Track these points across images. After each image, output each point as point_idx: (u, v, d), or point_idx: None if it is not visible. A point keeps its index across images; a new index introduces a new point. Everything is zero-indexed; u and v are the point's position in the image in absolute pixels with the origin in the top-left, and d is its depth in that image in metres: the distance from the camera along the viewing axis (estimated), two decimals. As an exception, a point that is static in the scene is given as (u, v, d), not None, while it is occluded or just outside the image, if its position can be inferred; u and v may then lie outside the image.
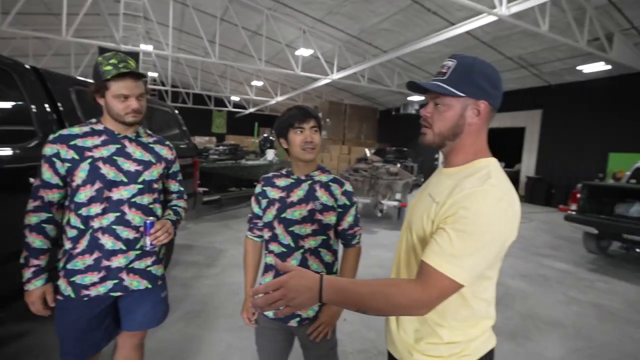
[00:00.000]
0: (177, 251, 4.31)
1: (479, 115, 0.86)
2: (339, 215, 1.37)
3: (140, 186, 1.39)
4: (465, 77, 0.84)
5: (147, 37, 13.23)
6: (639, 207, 4.68)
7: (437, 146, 0.92)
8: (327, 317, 1.35)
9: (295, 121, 1.30)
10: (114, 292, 1.38)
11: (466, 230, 0.76)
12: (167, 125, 3.86)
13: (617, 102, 9.13)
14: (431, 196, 0.90)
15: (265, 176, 1.45)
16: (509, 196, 0.80)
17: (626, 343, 2.75)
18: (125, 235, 1.36)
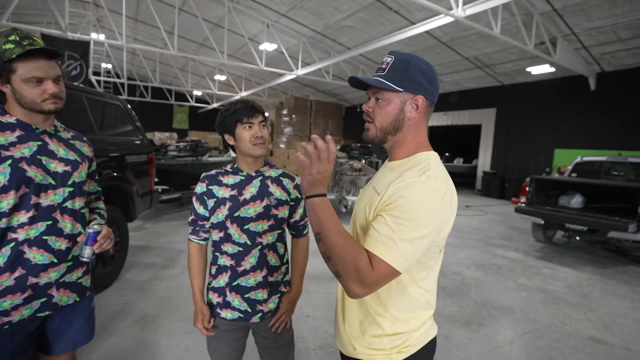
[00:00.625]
0: (133, 253, 4.08)
1: (417, 110, 0.89)
2: (291, 208, 1.39)
3: (70, 189, 1.23)
4: (402, 72, 0.87)
5: (98, 25, 12.36)
6: (579, 199, 5.09)
7: (380, 141, 0.93)
8: (288, 305, 1.38)
9: (244, 116, 1.26)
10: (41, 313, 1.19)
11: (403, 217, 0.78)
12: (118, 120, 3.63)
13: (561, 102, 9.86)
14: (374, 188, 0.92)
15: (208, 174, 1.36)
16: (446, 186, 0.83)
17: (567, 323, 2.98)
18: (57, 246, 1.19)
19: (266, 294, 1.33)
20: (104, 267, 3.13)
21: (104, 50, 12.87)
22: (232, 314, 1.33)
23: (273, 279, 1.36)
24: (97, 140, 3.10)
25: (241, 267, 1.30)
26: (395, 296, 0.89)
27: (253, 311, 1.32)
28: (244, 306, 1.32)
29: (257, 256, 1.31)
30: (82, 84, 4.99)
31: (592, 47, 8.09)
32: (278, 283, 1.38)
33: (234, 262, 1.30)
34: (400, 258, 0.77)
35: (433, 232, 0.81)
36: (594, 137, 9.18)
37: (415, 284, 0.90)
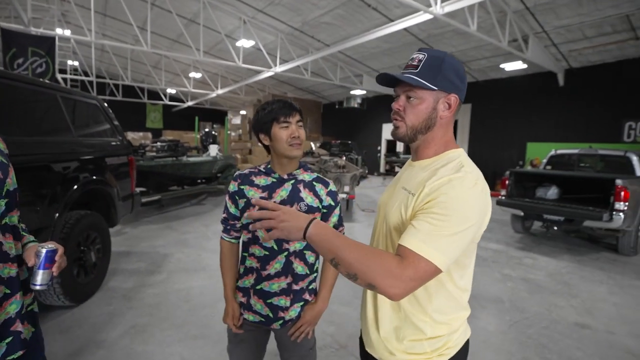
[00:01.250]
0: (114, 259, 3.89)
1: (449, 109, 0.88)
2: (323, 216, 1.32)
3: (5, 200, 0.97)
4: (437, 70, 0.84)
5: (63, 20, 11.68)
6: (555, 190, 5.32)
7: (410, 140, 0.91)
8: (310, 316, 1.33)
9: (281, 115, 1.21)
10: (12, 355, 0.96)
11: (443, 214, 0.76)
12: (94, 120, 3.43)
13: (532, 97, 10.29)
14: (406, 189, 0.90)
15: (242, 173, 1.32)
16: (482, 182, 0.83)
17: (553, 311, 3.11)
18: (6, 273, 0.94)
19: (289, 301, 1.30)
20: (86, 276, 2.96)
21: (70, 46, 12.19)
22: (254, 317, 1.32)
23: (297, 288, 1.31)
24: (74, 142, 2.93)
25: (266, 271, 1.27)
26: (434, 297, 0.87)
27: (275, 317, 1.30)
28: (265, 311, 1.30)
29: (283, 262, 1.27)
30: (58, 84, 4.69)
31: (561, 45, 8.47)
32: (302, 291, 1.33)
33: (260, 265, 1.28)
34: (440, 254, 0.75)
35: (473, 228, 0.79)
36: (564, 131, 9.63)
37: (454, 284, 0.89)
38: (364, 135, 16.63)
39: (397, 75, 0.85)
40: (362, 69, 12.80)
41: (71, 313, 2.74)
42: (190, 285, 3.36)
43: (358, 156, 13.53)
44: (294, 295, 1.31)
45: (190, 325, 2.64)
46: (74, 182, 2.77)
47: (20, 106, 2.49)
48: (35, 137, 2.51)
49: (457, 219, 0.76)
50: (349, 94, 15.20)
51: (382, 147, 15.88)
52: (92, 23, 8.25)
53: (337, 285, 3.59)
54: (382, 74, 0.88)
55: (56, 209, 2.54)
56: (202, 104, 21.22)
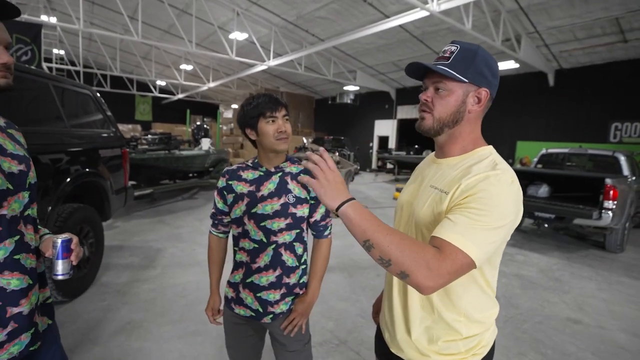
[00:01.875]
0: (106, 254, 3.80)
1: (479, 103, 0.86)
2: (311, 207, 1.32)
3: (28, 192, 0.98)
4: (469, 63, 0.82)
5: (49, 7, 11.30)
6: (546, 189, 5.42)
7: (435, 133, 0.89)
8: (301, 309, 1.31)
9: (267, 110, 1.21)
10: (33, 346, 0.97)
11: (482, 209, 0.75)
12: (87, 110, 3.33)
13: (523, 96, 10.43)
14: (436, 188, 0.87)
15: (229, 169, 1.34)
16: (517, 181, 0.82)
17: (545, 307, 3.17)
18: (29, 264, 0.96)
19: (278, 295, 1.28)
20: (78, 271, 2.89)
21: (56, 35, 11.83)
22: (245, 312, 1.31)
23: (289, 280, 1.30)
24: (67, 133, 2.84)
25: (255, 264, 1.27)
26: (466, 294, 0.86)
27: (264, 311, 1.29)
28: (255, 305, 1.29)
29: (272, 255, 1.26)
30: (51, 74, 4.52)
31: (553, 45, 8.59)
32: (294, 285, 1.32)
33: (249, 258, 1.28)
34: (477, 248, 0.73)
35: (509, 224, 0.78)
36: (553, 130, 9.82)
37: (485, 280, 0.88)
38: (357, 132, 16.65)
39: (428, 64, 0.83)
40: (356, 65, 12.77)
41: (64, 308, 2.67)
42: (186, 280, 3.32)
43: (350, 152, 13.54)
44: (285, 289, 1.30)
45: (188, 320, 2.61)
46: (66, 174, 2.69)
47: (11, 94, 2.40)
48: (27, 127, 2.41)
49: (496, 214, 0.75)
50: (342, 89, 15.16)
51: (374, 144, 15.93)
52: (81, 11, 8.02)
53: (334, 281, 3.61)
54: (412, 63, 0.85)
55: (49, 202, 2.46)
56: (193, 96, 20.90)
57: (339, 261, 4.08)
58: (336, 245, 4.71)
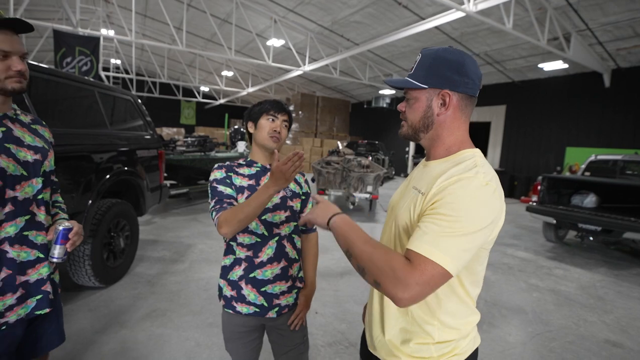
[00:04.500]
0: (142, 247, 4.11)
1: (445, 106, 0.85)
2: (302, 202, 1.40)
3: (42, 179, 1.15)
4: (427, 69, 0.85)
5: (108, 21, 12.42)
6: (592, 198, 4.99)
7: (413, 138, 0.93)
8: (304, 301, 1.38)
9: (272, 109, 1.31)
10: (40, 310, 1.13)
11: (451, 215, 0.72)
12: (129, 114, 3.63)
13: (574, 99, 9.68)
14: (416, 188, 0.88)
15: (223, 164, 1.32)
16: (495, 183, 0.78)
17: (581, 325, 2.93)
18: (40, 240, 1.13)
19: (285, 286, 1.31)
20: (114, 260, 3.15)
21: (113, 46, 12.95)
22: (248, 309, 1.29)
23: (292, 272, 1.34)
24: (109, 134, 3.11)
25: (258, 258, 1.28)
26: (444, 301, 0.85)
27: (269, 305, 1.29)
28: (259, 300, 1.29)
29: (275, 247, 1.29)
30: (96, 81, 5.01)
31: (608, 43, 7.92)
32: (295, 278, 1.37)
33: (251, 253, 1.28)
34: (449, 257, 0.70)
35: (484, 231, 0.74)
36: (608, 135, 9.00)
37: (464, 289, 0.86)
38: (393, 136, 16.39)
39: (387, 80, 0.91)
40: (391, 69, 12.62)
41: (100, 294, 2.93)
42: (210, 275, 3.48)
43: (385, 157, 13.36)
44: (291, 281, 1.34)
45: (207, 313, 2.74)
46: (106, 172, 2.94)
47: (63, 100, 2.69)
48: (73, 129, 2.69)
49: (466, 220, 0.72)
50: (377, 93, 15.03)
51: (411, 148, 15.58)
52: (133, 23, 8.71)
53: (353, 285, 3.61)
54: (386, 80, 0.93)
55: (89, 196, 2.71)
56: (233, 101, 21.79)
57: (361, 265, 4.06)
58: (360, 249, 4.68)
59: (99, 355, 2.15)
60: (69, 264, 2.78)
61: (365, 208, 7.55)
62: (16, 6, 7.61)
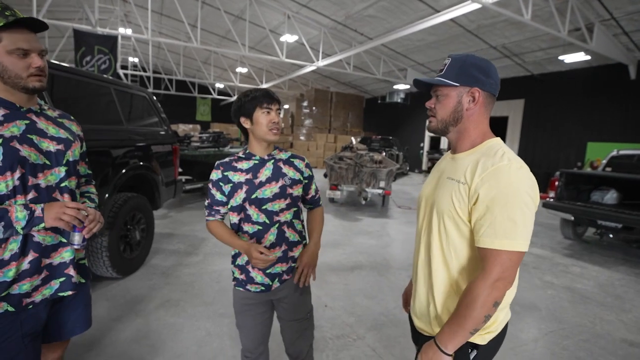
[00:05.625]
0: (158, 240, 4.23)
1: (474, 102, 0.97)
2: (305, 186, 1.48)
3: (65, 168, 1.20)
4: (458, 69, 0.97)
5: (125, 20, 12.70)
6: (613, 195, 4.82)
7: (442, 132, 1.04)
8: (307, 258, 1.43)
9: (264, 101, 1.32)
10: (63, 292, 1.20)
11: (506, 203, 0.85)
12: (144, 111, 3.73)
13: (596, 92, 9.33)
14: (452, 179, 0.98)
15: (222, 161, 1.41)
16: (526, 165, 0.92)
17: (597, 324, 2.86)
18: None
19: (286, 267, 1.42)
20: (131, 252, 3.26)
21: (131, 44, 13.24)
22: (256, 288, 1.42)
23: (294, 254, 1.44)
24: (125, 130, 3.21)
25: (261, 244, 1.37)
26: None
27: (273, 282, 1.42)
28: (266, 280, 1.41)
29: (276, 233, 1.39)
30: (112, 78, 5.15)
31: (634, 33, 7.58)
32: (296, 259, 1.46)
33: (254, 240, 1.38)
34: (521, 240, 0.85)
35: (533, 205, 0.88)
36: (632, 130, 8.64)
37: None
38: (407, 132, 16.21)
39: (423, 78, 1.01)
40: (406, 63, 12.45)
41: (117, 284, 3.04)
42: (222, 268, 3.56)
43: (399, 152, 13.24)
44: (291, 262, 1.44)
45: (218, 303, 2.81)
46: (122, 166, 3.04)
47: (79, 97, 2.79)
48: (91, 125, 2.79)
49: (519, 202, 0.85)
50: (392, 88, 14.86)
51: (425, 144, 15.37)
52: (149, 22, 8.89)
53: (363, 279, 3.63)
54: (415, 79, 1.04)
55: (106, 190, 2.81)
56: (248, 98, 21.98)
57: (372, 260, 4.06)
58: (371, 244, 4.68)
59: (115, 341, 2.24)
60: (88, 255, 2.90)
61: (377, 204, 7.52)
62: (39, 7, 7.87)
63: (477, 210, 0.89)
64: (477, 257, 0.94)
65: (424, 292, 1.07)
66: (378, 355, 2.26)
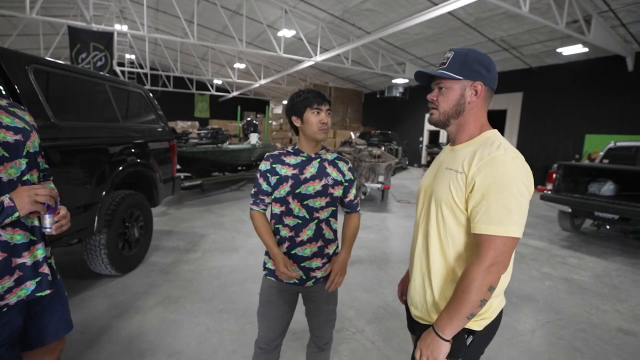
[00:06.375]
0: (157, 237, 4.24)
1: (477, 95, 1.00)
2: (345, 188, 1.52)
3: (26, 160, 1.13)
4: (461, 63, 0.99)
5: (121, 16, 12.60)
6: (610, 186, 4.84)
7: (443, 124, 1.05)
8: (338, 266, 1.48)
9: (314, 102, 1.39)
10: (40, 292, 1.15)
11: (502, 191, 0.88)
12: (141, 108, 3.72)
13: (594, 84, 9.31)
14: (451, 169, 1.01)
15: (272, 154, 1.49)
16: (521, 155, 0.95)
17: (593, 314, 2.88)
18: (30, 222, 1.14)
19: (320, 262, 1.48)
20: (130, 250, 3.27)
21: (127, 41, 13.16)
22: (289, 279, 1.46)
23: (328, 251, 1.51)
24: (121, 127, 3.20)
25: (299, 237, 1.44)
26: None
27: (307, 277, 1.48)
28: (300, 273, 1.46)
29: (314, 229, 1.45)
30: (108, 75, 5.12)
31: (631, 24, 7.55)
32: (332, 255, 1.53)
33: (293, 233, 1.45)
34: (515, 226, 0.88)
35: (528, 193, 0.91)
36: (630, 122, 8.64)
37: None
38: (406, 126, 16.18)
39: (428, 71, 1.03)
40: (404, 57, 12.40)
41: (116, 282, 3.05)
42: (222, 264, 3.57)
43: (398, 147, 13.22)
44: (326, 259, 1.50)
45: (218, 300, 2.83)
46: (119, 164, 3.04)
47: (72, 94, 2.78)
48: (84, 122, 2.78)
49: (514, 190, 0.88)
50: (390, 82, 14.80)
51: (424, 138, 15.36)
52: (145, 18, 8.82)
53: (362, 273, 3.65)
54: (417, 71, 1.04)
55: (103, 188, 2.81)
56: (246, 94, 21.88)
57: (371, 253, 4.08)
58: (370, 238, 4.70)
59: (115, 339, 2.25)
60: (86, 252, 2.91)
61: (377, 198, 7.53)
62: (32, 4, 7.80)
63: (474, 197, 0.92)
64: (473, 244, 0.96)
65: (420, 280, 1.09)
66: (377, 348, 2.28)
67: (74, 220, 2.44)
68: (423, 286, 1.08)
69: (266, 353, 1.54)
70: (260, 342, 1.54)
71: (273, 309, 1.51)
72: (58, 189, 1.30)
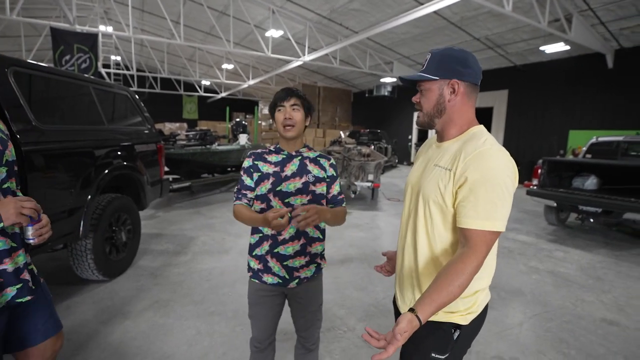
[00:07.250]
0: (145, 240, 4.18)
1: (455, 93, 1.02)
2: (327, 185, 1.52)
3: (6, 168, 1.14)
4: (437, 63, 1.02)
5: (106, 17, 12.37)
6: (593, 180, 4.96)
7: (428, 125, 1.08)
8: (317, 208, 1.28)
9: (278, 100, 1.40)
10: (21, 298, 1.16)
11: (487, 186, 0.90)
12: (127, 110, 3.66)
13: (576, 81, 9.52)
14: (439, 166, 1.03)
15: (255, 152, 1.51)
16: (505, 150, 0.97)
17: (578, 306, 2.95)
18: (11, 229, 1.14)
19: (304, 261, 1.48)
20: (117, 254, 3.22)
21: (113, 42, 12.93)
22: (273, 279, 1.47)
23: (311, 249, 1.50)
24: (106, 129, 3.15)
25: (281, 236, 1.44)
26: None
27: (290, 277, 1.47)
28: (282, 272, 1.46)
29: (296, 228, 1.41)
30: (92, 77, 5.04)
31: (610, 23, 7.74)
32: (316, 254, 1.52)
33: (275, 231, 1.43)
34: (501, 221, 0.91)
35: (512, 188, 0.93)
36: (611, 117, 8.87)
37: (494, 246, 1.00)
38: (395, 125, 16.29)
39: (407, 76, 1.06)
40: (392, 56, 12.48)
41: (104, 287, 3.00)
42: (212, 266, 3.55)
43: (388, 145, 13.30)
44: (309, 257, 1.49)
45: (208, 302, 2.81)
46: (104, 167, 2.99)
47: (55, 97, 2.72)
48: (68, 125, 2.73)
49: (499, 185, 0.90)
50: (379, 82, 14.89)
51: (413, 136, 15.49)
52: (130, 18, 8.69)
53: (353, 272, 3.66)
54: (400, 77, 1.09)
55: (88, 191, 2.76)
56: (235, 94, 21.72)
57: (361, 252, 4.10)
58: (361, 237, 4.72)
59: (103, 345, 2.22)
60: (72, 258, 2.85)
61: (367, 197, 7.57)
62: (12, 5, 7.61)
63: (461, 192, 0.94)
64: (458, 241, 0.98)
65: (409, 276, 1.10)
66: (368, 346, 2.30)
67: (59, 225, 2.42)
68: (412, 282, 1.09)
69: (261, 351, 1.58)
70: (255, 341, 1.58)
71: (262, 310, 1.53)
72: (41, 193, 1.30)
